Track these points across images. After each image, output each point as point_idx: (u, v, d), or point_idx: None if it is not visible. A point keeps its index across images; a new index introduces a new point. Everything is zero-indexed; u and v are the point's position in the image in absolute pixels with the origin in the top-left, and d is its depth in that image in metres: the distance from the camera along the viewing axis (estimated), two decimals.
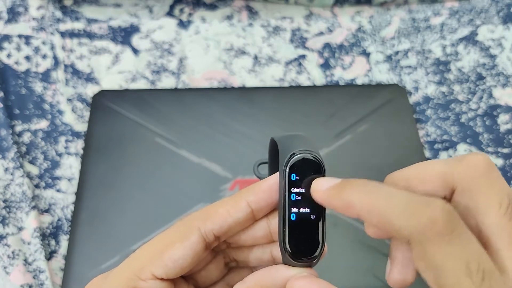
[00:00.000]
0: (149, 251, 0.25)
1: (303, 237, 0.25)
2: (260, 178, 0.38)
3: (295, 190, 0.24)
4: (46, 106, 0.58)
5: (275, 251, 0.27)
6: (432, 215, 0.20)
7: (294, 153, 0.24)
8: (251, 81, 0.61)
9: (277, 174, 0.25)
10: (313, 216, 0.24)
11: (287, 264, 0.25)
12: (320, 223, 0.25)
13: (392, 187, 0.22)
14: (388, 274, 0.25)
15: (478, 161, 0.23)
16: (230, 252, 0.28)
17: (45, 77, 0.60)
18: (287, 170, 0.24)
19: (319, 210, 0.25)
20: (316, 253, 0.25)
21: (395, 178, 0.25)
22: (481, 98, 0.59)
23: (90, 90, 0.59)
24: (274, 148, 0.27)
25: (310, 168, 0.24)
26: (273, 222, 0.26)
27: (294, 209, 0.24)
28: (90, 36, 0.64)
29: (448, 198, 0.23)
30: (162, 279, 0.24)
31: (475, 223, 0.22)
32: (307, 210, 0.24)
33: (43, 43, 0.63)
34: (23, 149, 0.55)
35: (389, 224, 0.21)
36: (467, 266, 0.19)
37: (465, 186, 0.22)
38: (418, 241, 0.20)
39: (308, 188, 0.24)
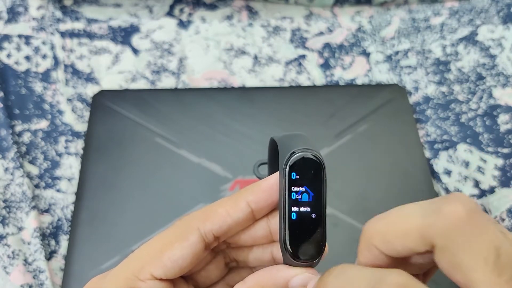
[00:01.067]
0: (148, 251, 0.25)
1: (304, 237, 0.24)
2: (260, 178, 0.38)
3: (296, 189, 0.24)
4: (46, 106, 0.58)
5: (276, 251, 0.27)
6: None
7: (294, 152, 0.24)
8: (251, 81, 0.61)
9: (277, 174, 0.25)
10: (313, 216, 0.24)
11: (288, 264, 0.25)
12: (321, 223, 0.25)
13: (354, 269, 0.22)
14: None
15: (456, 212, 0.20)
16: (230, 252, 0.28)
17: (45, 77, 0.60)
18: (287, 169, 0.24)
19: (319, 209, 0.24)
20: (317, 253, 0.25)
21: (371, 233, 0.23)
22: (481, 98, 0.59)
23: (90, 90, 0.59)
24: (273, 148, 0.27)
25: (310, 167, 0.24)
26: (273, 222, 0.26)
27: (295, 209, 0.24)
28: (90, 36, 0.64)
29: (430, 252, 0.22)
30: (161, 279, 0.24)
31: (461, 279, 0.20)
32: (308, 209, 0.24)
33: (43, 43, 0.63)
34: (23, 149, 0.55)
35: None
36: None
37: (445, 243, 0.20)
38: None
39: (309, 186, 0.24)
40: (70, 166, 0.54)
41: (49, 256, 0.49)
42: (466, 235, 0.20)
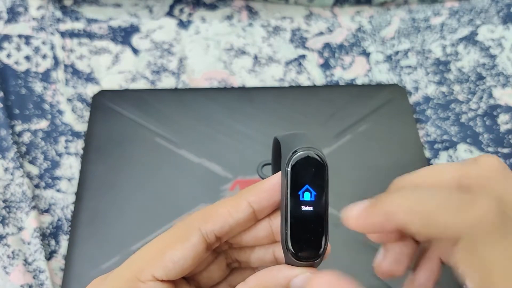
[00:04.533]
0: (149, 252, 0.25)
1: (306, 237, 0.24)
2: (264, 179, 0.38)
3: (298, 188, 0.24)
4: (46, 106, 0.58)
5: (278, 251, 0.27)
6: (482, 212, 0.19)
7: (296, 151, 0.24)
8: (251, 81, 0.61)
9: (279, 174, 0.25)
10: (315, 216, 0.24)
11: (290, 264, 0.25)
12: (323, 222, 0.25)
13: (429, 188, 0.21)
14: (378, 263, 0.25)
15: (493, 162, 0.22)
16: (232, 253, 0.28)
17: (45, 77, 0.60)
18: (289, 168, 0.24)
19: (322, 209, 0.24)
20: (319, 253, 0.25)
21: (403, 184, 0.24)
22: (481, 98, 0.59)
23: (90, 90, 0.59)
24: (277, 148, 0.27)
25: (312, 166, 0.24)
26: (275, 222, 0.26)
27: (297, 208, 0.24)
28: (90, 36, 0.64)
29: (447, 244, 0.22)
30: (162, 280, 0.24)
31: (478, 278, 0.20)
32: (310, 208, 0.24)
33: (43, 43, 0.63)
34: (23, 149, 0.55)
35: (435, 224, 0.20)
36: None
37: (484, 184, 0.22)
38: (468, 240, 0.19)
39: (311, 186, 0.24)
40: (70, 166, 0.54)
41: (49, 256, 0.49)
42: (502, 178, 0.22)
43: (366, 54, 0.63)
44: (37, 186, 0.53)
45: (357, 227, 0.23)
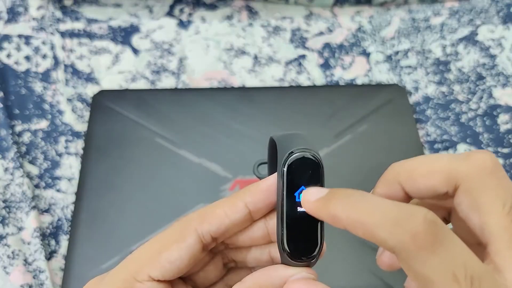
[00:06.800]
0: (146, 252, 0.25)
1: (302, 237, 0.24)
2: (260, 178, 0.38)
3: (293, 189, 0.24)
4: (46, 106, 0.58)
5: (274, 251, 0.27)
6: (414, 228, 0.19)
7: (292, 152, 0.24)
8: (251, 81, 0.61)
9: (275, 175, 0.25)
10: (311, 216, 0.24)
11: (286, 264, 0.25)
12: (319, 223, 0.25)
13: (376, 197, 0.22)
14: (378, 256, 0.26)
15: (484, 159, 0.22)
16: (229, 253, 0.28)
17: (45, 77, 0.60)
18: (285, 169, 0.24)
19: None
20: (315, 253, 0.25)
21: (398, 170, 0.24)
22: (481, 98, 0.59)
23: (90, 90, 0.59)
24: (273, 147, 0.27)
25: (308, 167, 0.24)
26: (271, 222, 0.26)
27: (292, 208, 0.24)
28: (90, 36, 0.64)
29: (451, 195, 0.23)
30: (159, 280, 0.24)
31: (477, 222, 0.22)
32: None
33: (43, 43, 0.63)
34: (23, 149, 0.55)
35: (374, 237, 0.21)
36: (453, 274, 0.19)
37: (470, 184, 0.22)
38: (402, 254, 0.20)
39: (307, 186, 0.24)
40: (70, 166, 0.54)
41: (49, 256, 0.49)
42: (490, 181, 0.22)
43: (366, 54, 0.63)
44: (37, 186, 0.53)
45: (311, 213, 0.24)
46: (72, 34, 0.64)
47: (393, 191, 0.25)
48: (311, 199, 0.23)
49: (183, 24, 0.66)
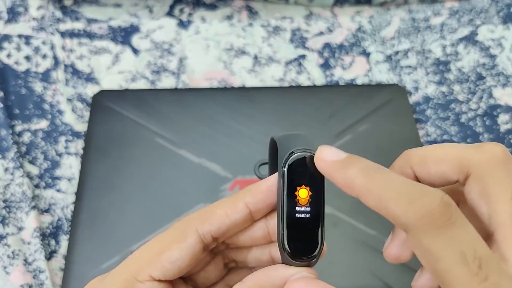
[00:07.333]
0: (146, 252, 0.25)
1: (302, 237, 0.24)
2: (261, 178, 0.38)
3: (294, 189, 0.24)
4: (46, 106, 0.58)
5: (274, 251, 0.27)
6: (429, 206, 0.20)
7: (293, 152, 0.24)
8: (251, 81, 0.61)
9: (275, 175, 0.25)
10: (312, 215, 0.24)
11: (286, 264, 0.25)
12: (319, 222, 0.25)
13: (394, 173, 0.22)
14: (386, 247, 0.26)
15: (496, 150, 0.23)
16: (229, 253, 0.28)
17: (45, 77, 0.60)
18: (285, 169, 0.24)
19: (318, 209, 0.24)
20: (315, 253, 0.25)
21: (411, 155, 0.25)
22: (481, 98, 0.59)
23: (90, 90, 0.59)
24: (274, 148, 0.27)
25: (309, 167, 0.24)
26: (272, 222, 0.26)
27: (293, 208, 0.24)
28: (90, 36, 0.64)
29: (462, 183, 0.24)
30: (159, 280, 0.24)
31: (486, 210, 0.22)
32: (306, 209, 0.24)
33: (43, 43, 0.63)
34: (23, 149, 0.55)
35: (386, 210, 0.21)
36: (462, 255, 0.19)
37: (481, 173, 0.22)
38: (414, 230, 0.20)
39: (307, 186, 0.24)
40: (70, 166, 0.54)
41: (49, 256, 0.49)
42: (501, 170, 0.22)
43: (366, 54, 0.63)
44: (37, 186, 0.53)
45: (324, 172, 0.24)
46: (72, 34, 0.64)
47: (407, 174, 0.25)
48: (328, 158, 0.23)
49: (183, 24, 0.66)
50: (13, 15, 0.65)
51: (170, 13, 0.66)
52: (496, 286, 0.19)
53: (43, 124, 0.57)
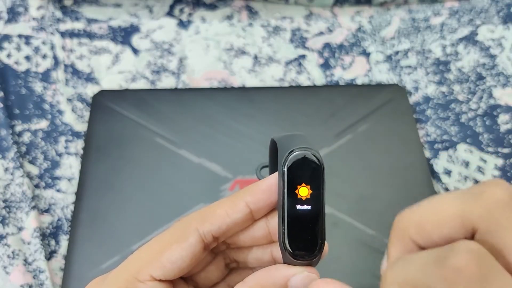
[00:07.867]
0: (147, 252, 0.25)
1: (303, 236, 0.24)
2: None
3: (294, 188, 0.24)
4: (46, 106, 0.58)
5: (275, 251, 0.27)
6: (456, 263, 0.18)
7: (292, 151, 0.24)
8: (251, 81, 0.61)
9: (276, 174, 0.25)
10: (312, 215, 0.24)
11: (288, 264, 0.25)
12: (320, 222, 0.25)
13: (410, 256, 0.21)
14: (383, 268, 0.25)
15: (498, 193, 0.20)
16: (230, 253, 0.28)
17: (45, 77, 0.60)
18: (285, 169, 0.24)
19: (318, 208, 0.24)
20: (317, 252, 0.25)
21: (406, 224, 0.23)
22: (481, 98, 0.59)
23: (90, 90, 0.59)
24: (274, 149, 0.27)
25: (309, 166, 0.24)
26: (272, 222, 0.26)
27: (293, 208, 0.24)
28: (90, 36, 0.64)
29: (469, 238, 0.21)
30: (160, 280, 0.24)
31: (504, 262, 0.20)
32: (307, 208, 0.24)
33: (43, 43, 0.63)
34: (23, 149, 0.55)
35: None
36: None
37: (488, 227, 0.20)
38: None
39: (307, 185, 0.24)
40: (70, 166, 0.54)
41: (49, 256, 0.49)
42: (509, 218, 0.20)
43: (366, 54, 0.63)
44: (37, 186, 0.53)
45: None
46: (72, 34, 0.64)
47: (409, 248, 0.23)
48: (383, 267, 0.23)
49: (183, 24, 0.66)
50: (13, 15, 0.65)
51: (170, 13, 0.66)
52: None
53: (43, 124, 0.57)
